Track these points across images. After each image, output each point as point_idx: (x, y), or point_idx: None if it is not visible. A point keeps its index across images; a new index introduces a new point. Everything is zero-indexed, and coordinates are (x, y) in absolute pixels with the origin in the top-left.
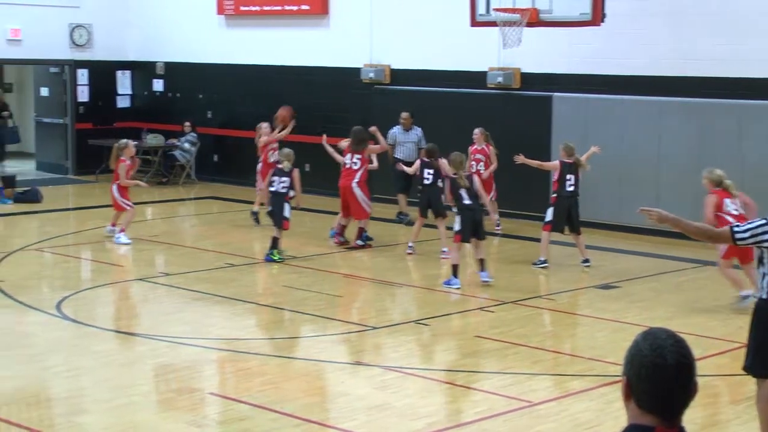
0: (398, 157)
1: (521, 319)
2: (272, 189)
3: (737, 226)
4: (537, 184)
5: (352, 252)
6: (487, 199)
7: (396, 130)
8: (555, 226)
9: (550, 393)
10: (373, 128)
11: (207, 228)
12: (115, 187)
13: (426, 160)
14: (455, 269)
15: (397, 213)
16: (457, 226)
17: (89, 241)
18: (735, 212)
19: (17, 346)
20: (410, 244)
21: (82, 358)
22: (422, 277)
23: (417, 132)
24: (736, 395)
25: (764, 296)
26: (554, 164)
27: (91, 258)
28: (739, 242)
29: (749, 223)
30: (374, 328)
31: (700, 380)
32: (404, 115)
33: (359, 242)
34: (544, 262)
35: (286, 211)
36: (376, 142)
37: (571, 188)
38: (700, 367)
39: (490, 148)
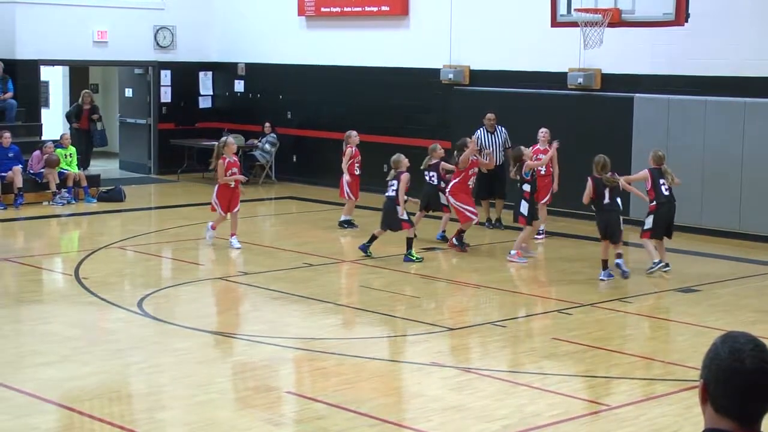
0: (485, 161)
1: (599, 321)
2: (387, 194)
3: None
4: None
5: (428, 253)
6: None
7: (480, 133)
8: (654, 233)
9: (628, 397)
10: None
11: (285, 228)
12: (216, 188)
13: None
14: (603, 263)
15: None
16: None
17: (170, 239)
18: None
19: (100, 342)
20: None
21: (162, 355)
22: (499, 279)
23: (502, 133)
24: None
25: None
26: (643, 174)
27: (171, 256)
28: None
29: None
30: (450, 329)
31: None
32: (489, 116)
33: (455, 241)
34: (659, 262)
35: (400, 213)
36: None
37: (668, 192)
38: None
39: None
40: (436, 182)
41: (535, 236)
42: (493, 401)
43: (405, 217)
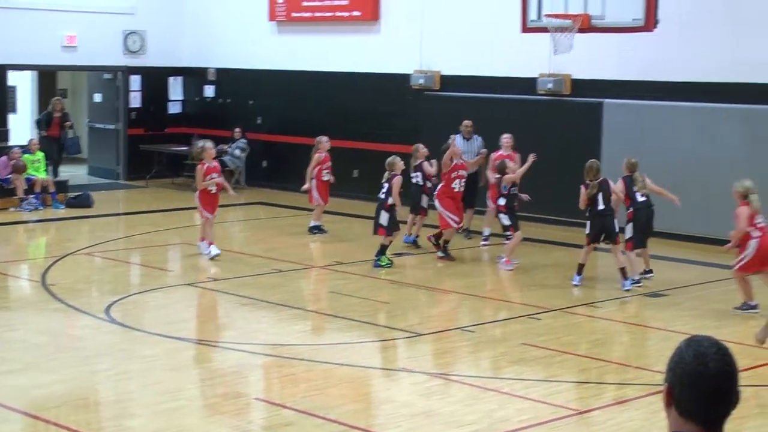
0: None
1: (568, 327)
2: (379, 195)
3: None
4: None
5: (398, 258)
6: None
7: (456, 139)
8: (636, 241)
9: (596, 401)
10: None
11: (255, 233)
12: (197, 195)
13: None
14: (579, 267)
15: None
16: (587, 229)
17: (139, 245)
18: (762, 224)
19: (67, 349)
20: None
21: (130, 362)
22: (468, 284)
23: (478, 141)
24: None
25: None
26: (618, 188)
27: (140, 263)
28: None
29: None
30: (420, 334)
31: (748, 390)
32: (466, 122)
33: (440, 253)
34: (648, 271)
35: (382, 218)
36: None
37: (644, 198)
38: (748, 377)
39: (517, 155)
40: (421, 183)
41: (482, 242)
42: (462, 407)
43: (384, 223)
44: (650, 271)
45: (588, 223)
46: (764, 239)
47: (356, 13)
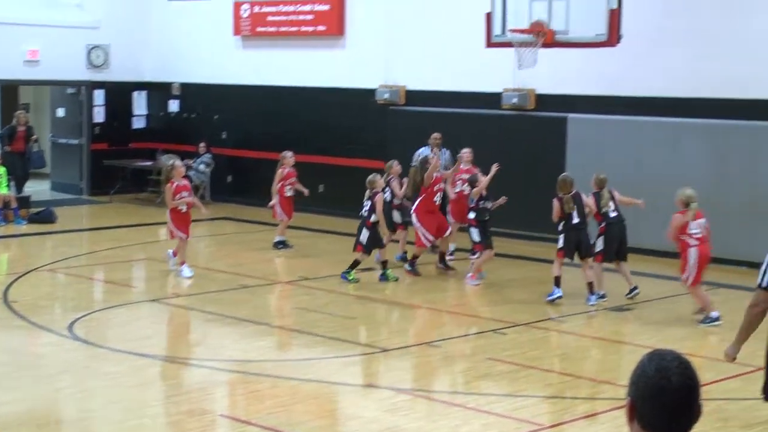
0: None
1: (534, 341)
2: (361, 213)
3: (760, 286)
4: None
5: (364, 273)
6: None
7: (424, 152)
8: (606, 255)
9: (561, 416)
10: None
11: (220, 249)
12: (168, 214)
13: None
14: (556, 280)
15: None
16: (560, 243)
17: (103, 261)
18: (699, 235)
19: (29, 367)
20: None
21: (93, 380)
22: (435, 299)
23: (446, 154)
24: (749, 419)
25: None
26: (590, 203)
27: (104, 279)
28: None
29: (764, 269)
30: (386, 350)
31: (711, 404)
32: (435, 135)
33: (408, 267)
34: (603, 296)
35: (362, 236)
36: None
37: (615, 213)
38: (712, 391)
39: (476, 169)
40: (389, 199)
41: (448, 257)
42: (427, 422)
43: (363, 240)
44: (635, 288)
45: (562, 237)
46: (702, 248)
47: (321, 28)
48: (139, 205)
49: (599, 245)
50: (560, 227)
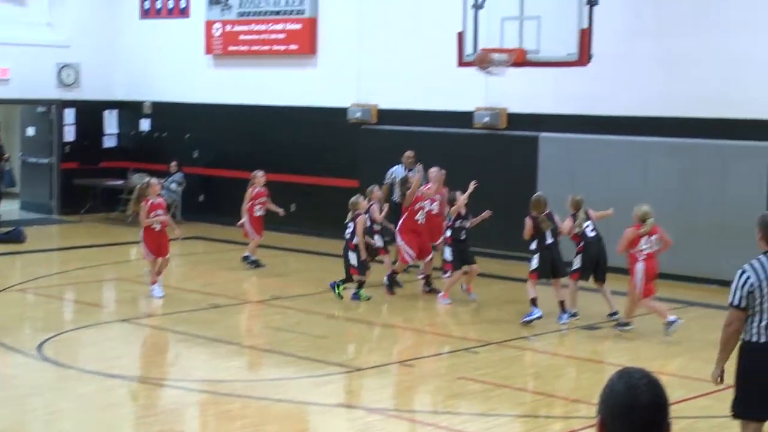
0: (397, 200)
1: (505, 360)
2: (345, 236)
3: (732, 305)
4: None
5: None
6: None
7: (396, 170)
8: (582, 274)
9: None
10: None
11: (191, 268)
12: (141, 233)
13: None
14: (533, 301)
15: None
16: (534, 264)
17: (73, 281)
18: (648, 251)
19: None
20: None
21: (63, 401)
22: (407, 318)
23: (420, 172)
24: None
25: (753, 339)
26: (567, 226)
27: (74, 299)
28: (744, 309)
29: (734, 288)
30: (358, 369)
31: (682, 422)
32: (408, 153)
33: (385, 280)
34: (575, 314)
35: (351, 259)
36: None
37: (593, 233)
38: (683, 409)
39: (445, 189)
40: (369, 224)
41: (419, 276)
42: None
43: (354, 263)
44: (616, 313)
45: (536, 256)
46: (648, 263)
47: (293, 47)
48: (110, 225)
49: (576, 263)
50: (533, 246)
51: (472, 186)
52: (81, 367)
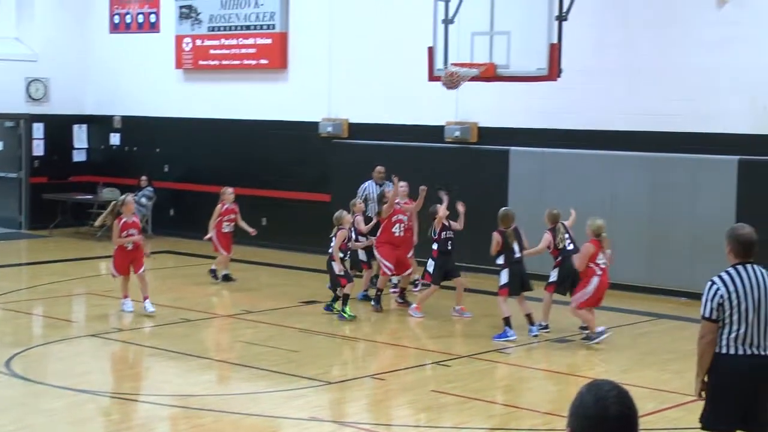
0: (370, 215)
1: (477, 373)
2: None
3: (704, 316)
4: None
5: (307, 307)
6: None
7: (369, 185)
8: (559, 287)
9: None
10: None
11: (162, 282)
12: (114, 250)
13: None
14: (507, 321)
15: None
16: (504, 279)
17: (42, 296)
18: (603, 265)
19: None
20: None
21: (32, 417)
22: (378, 331)
23: (390, 187)
24: None
25: (722, 351)
26: (546, 241)
27: (43, 314)
28: (715, 321)
29: (705, 300)
30: (329, 383)
31: None
32: (378, 168)
33: (373, 303)
34: (546, 327)
35: (336, 269)
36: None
37: (571, 246)
38: (654, 421)
39: (413, 203)
40: (354, 237)
41: (392, 290)
42: None
43: (341, 273)
44: (546, 327)
45: (505, 272)
46: (603, 278)
47: (264, 61)
48: (80, 239)
49: (553, 276)
50: (501, 261)
51: (421, 192)
52: (50, 383)
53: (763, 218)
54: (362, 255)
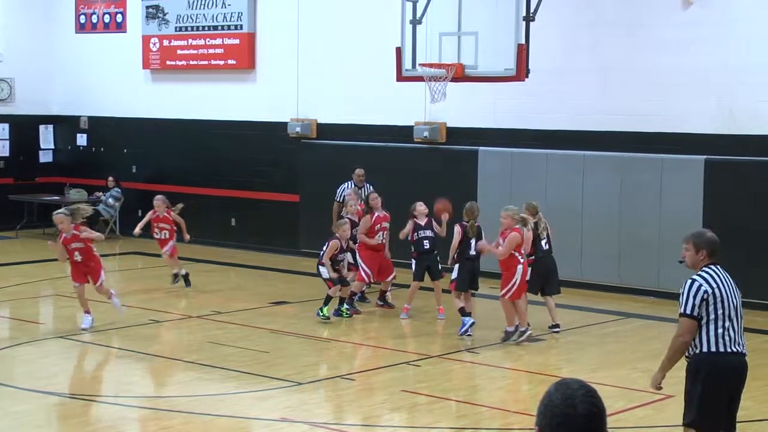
0: (351, 217)
1: (447, 372)
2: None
3: (685, 314)
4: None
5: (277, 307)
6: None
7: (346, 186)
8: (532, 287)
9: None
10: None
11: (130, 283)
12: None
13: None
14: (462, 310)
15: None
16: (454, 274)
17: (9, 298)
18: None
19: None
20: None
21: None
22: (348, 331)
23: (370, 189)
24: None
25: (712, 349)
26: (529, 236)
27: (10, 315)
28: (696, 318)
29: (687, 297)
30: (300, 383)
31: None
32: (358, 171)
33: (346, 306)
34: (555, 326)
35: (324, 274)
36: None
37: (547, 246)
38: (624, 419)
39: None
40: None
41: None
42: None
43: (327, 276)
44: (557, 326)
45: (456, 267)
46: (525, 265)
47: (232, 62)
48: (46, 240)
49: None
50: (455, 256)
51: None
52: (18, 385)
53: (728, 217)
54: (350, 257)
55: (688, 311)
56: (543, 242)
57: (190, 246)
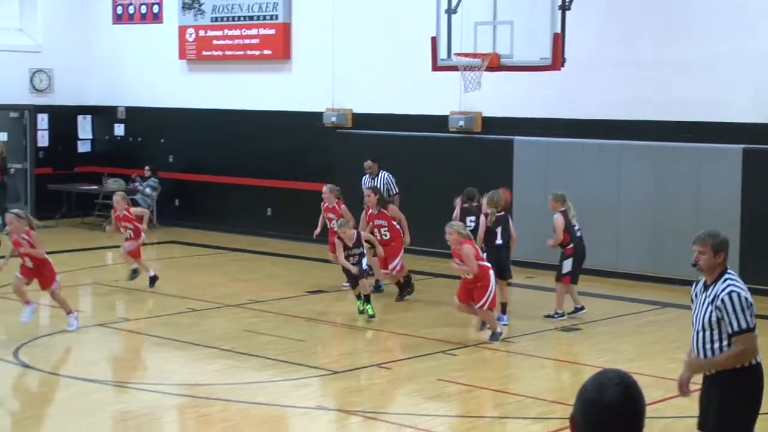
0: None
1: (483, 362)
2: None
3: (749, 328)
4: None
5: (313, 296)
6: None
7: (365, 180)
8: (574, 277)
9: None
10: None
11: (168, 272)
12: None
13: (465, 206)
14: (504, 307)
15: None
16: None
17: None
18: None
19: None
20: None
21: (40, 406)
22: (383, 321)
23: (385, 177)
24: None
25: (753, 361)
26: (560, 224)
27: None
28: (752, 328)
29: (741, 311)
30: (336, 372)
31: (660, 422)
32: (367, 163)
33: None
34: (563, 314)
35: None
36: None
37: (579, 233)
38: (661, 409)
39: (342, 206)
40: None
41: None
42: None
43: (353, 271)
44: (582, 308)
45: (483, 256)
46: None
47: (267, 52)
48: (85, 229)
49: (567, 267)
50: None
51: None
52: (58, 372)
53: (767, 208)
54: (364, 263)
55: (750, 325)
56: (575, 228)
57: (227, 235)
